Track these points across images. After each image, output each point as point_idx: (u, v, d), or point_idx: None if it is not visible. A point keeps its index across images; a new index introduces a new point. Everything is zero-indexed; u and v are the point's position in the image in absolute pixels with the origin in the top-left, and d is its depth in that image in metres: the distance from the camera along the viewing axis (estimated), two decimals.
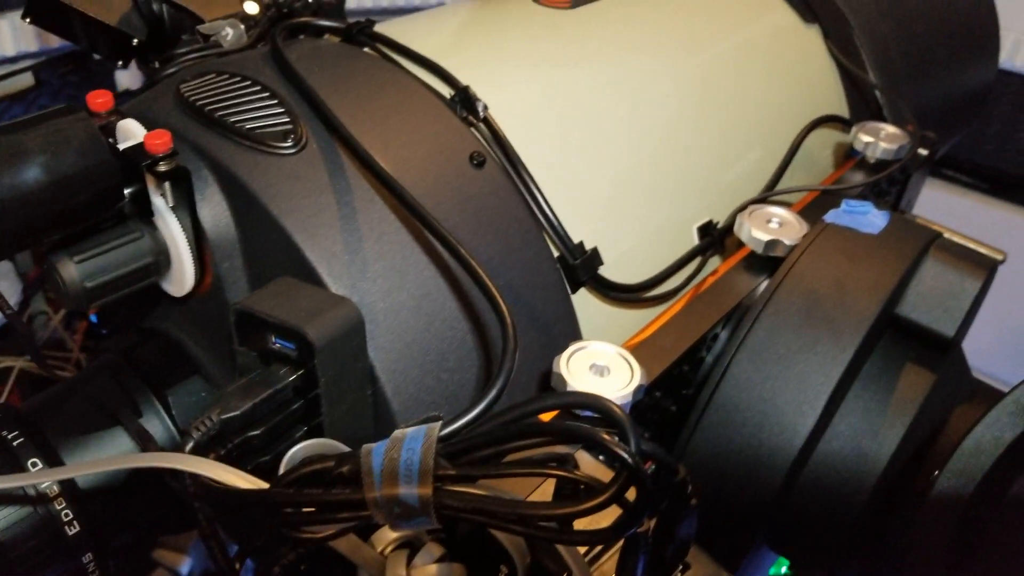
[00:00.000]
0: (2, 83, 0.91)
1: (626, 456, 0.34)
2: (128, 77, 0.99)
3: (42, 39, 0.93)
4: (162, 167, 0.43)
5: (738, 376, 0.55)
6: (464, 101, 0.54)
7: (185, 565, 0.77)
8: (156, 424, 0.50)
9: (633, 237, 0.62)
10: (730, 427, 0.55)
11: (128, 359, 0.51)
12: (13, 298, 1.09)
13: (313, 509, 0.36)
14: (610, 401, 0.37)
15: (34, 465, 0.46)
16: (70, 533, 0.45)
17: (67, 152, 0.40)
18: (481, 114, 0.54)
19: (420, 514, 0.35)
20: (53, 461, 0.46)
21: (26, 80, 0.94)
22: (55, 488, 0.45)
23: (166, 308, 0.53)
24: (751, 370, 0.55)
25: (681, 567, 0.43)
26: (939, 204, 1.52)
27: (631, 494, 0.34)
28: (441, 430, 0.37)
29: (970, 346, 0.64)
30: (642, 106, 0.66)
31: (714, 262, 0.68)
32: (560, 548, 0.38)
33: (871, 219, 0.63)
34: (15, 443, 0.45)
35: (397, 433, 0.37)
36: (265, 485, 0.37)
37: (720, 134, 0.71)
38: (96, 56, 0.58)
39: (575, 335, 0.55)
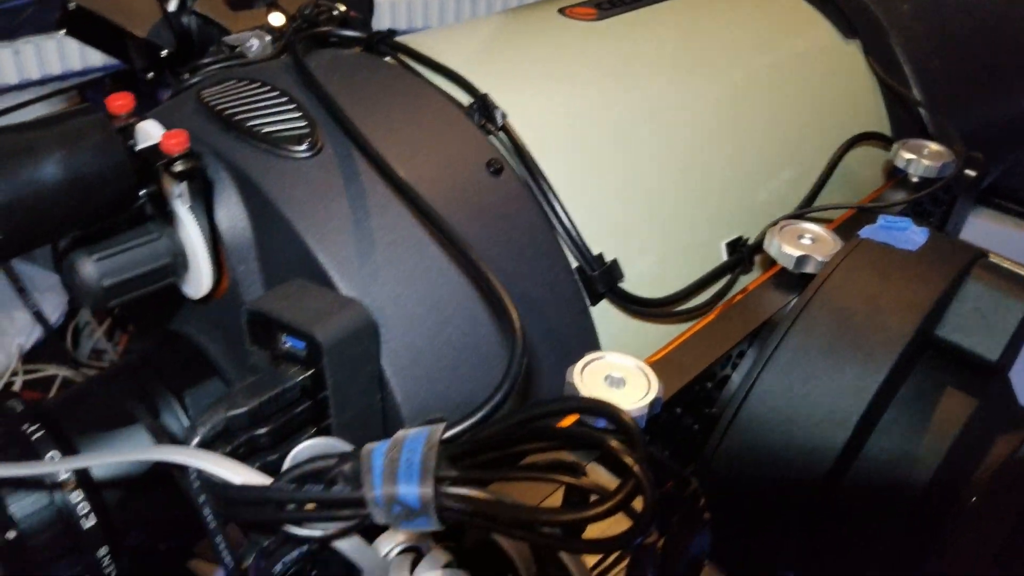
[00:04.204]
0: (49, 101, 0.94)
1: (631, 462, 0.33)
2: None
3: (85, 59, 0.96)
4: (178, 167, 0.43)
5: (763, 394, 0.53)
6: (482, 109, 0.54)
7: None
8: (174, 424, 0.51)
9: (657, 251, 0.61)
10: (754, 447, 0.53)
11: (148, 361, 0.52)
12: (60, 309, 1.12)
13: (314, 506, 0.36)
14: (618, 407, 0.36)
15: (52, 458, 0.46)
16: (86, 526, 0.46)
17: (83, 150, 0.41)
18: (499, 122, 0.54)
19: (420, 514, 0.34)
20: (70, 454, 0.47)
21: (72, 100, 0.97)
22: (72, 479, 0.46)
23: (187, 311, 0.54)
24: (777, 389, 0.53)
25: None
26: (993, 236, 1.47)
27: (640, 505, 0.33)
28: (444, 432, 0.36)
29: None
30: (670, 121, 0.65)
31: (744, 281, 0.66)
32: (565, 559, 0.37)
33: (909, 235, 0.61)
34: (34, 437, 0.46)
35: (399, 434, 0.36)
36: (268, 481, 0.37)
37: (753, 150, 0.69)
38: (128, 67, 0.60)
39: (593, 348, 0.54)
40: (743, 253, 0.65)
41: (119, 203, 0.44)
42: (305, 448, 0.38)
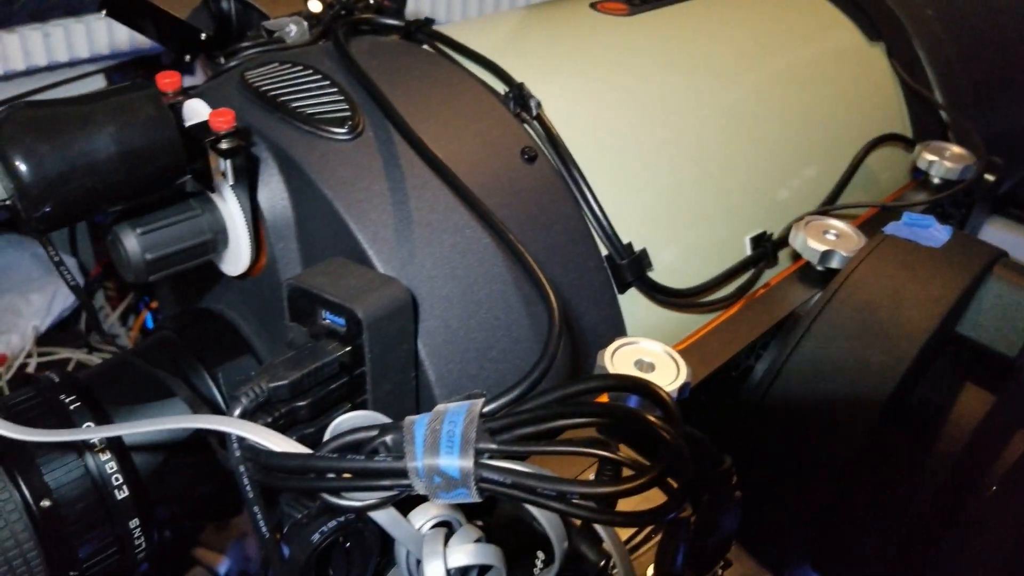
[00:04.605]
0: (76, 84, 0.95)
1: (669, 437, 0.34)
2: (198, 82, 1.03)
3: (113, 42, 0.97)
4: (224, 144, 0.44)
5: (787, 384, 0.54)
6: (518, 98, 0.55)
7: (223, 565, 0.78)
8: (208, 397, 0.51)
9: (684, 243, 0.61)
10: (777, 435, 0.53)
11: (182, 336, 0.53)
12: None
13: (354, 477, 0.36)
14: (655, 384, 0.37)
15: (88, 428, 0.47)
16: (119, 497, 0.46)
17: (135, 125, 0.42)
18: (534, 111, 0.55)
19: (460, 486, 0.35)
20: (105, 424, 0.48)
21: (98, 83, 0.98)
22: (107, 450, 0.46)
23: (221, 288, 0.55)
24: (801, 378, 0.54)
25: (722, 564, 0.41)
26: (1008, 245, 1.46)
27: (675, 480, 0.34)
28: (484, 407, 0.37)
29: None
30: (697, 116, 0.65)
31: (768, 275, 0.67)
32: (601, 532, 0.38)
33: (933, 233, 0.62)
34: (72, 407, 0.46)
35: (440, 407, 0.37)
36: (307, 452, 0.37)
37: (778, 148, 0.70)
38: (166, 49, 0.61)
39: (620, 334, 0.54)
40: (767, 247, 0.66)
41: (168, 177, 0.44)
42: (347, 419, 0.39)
